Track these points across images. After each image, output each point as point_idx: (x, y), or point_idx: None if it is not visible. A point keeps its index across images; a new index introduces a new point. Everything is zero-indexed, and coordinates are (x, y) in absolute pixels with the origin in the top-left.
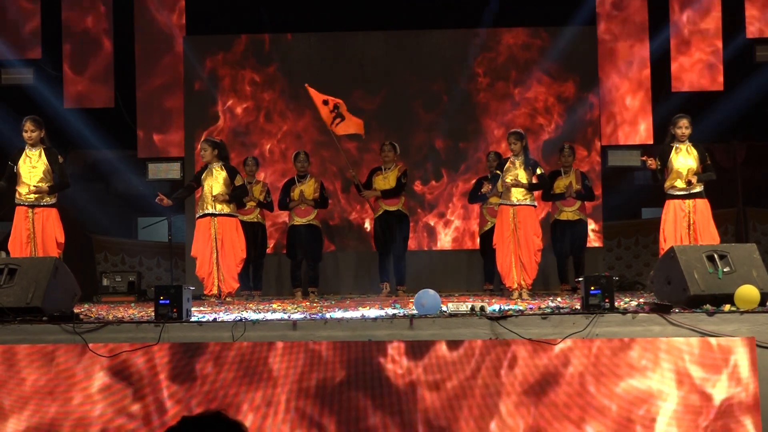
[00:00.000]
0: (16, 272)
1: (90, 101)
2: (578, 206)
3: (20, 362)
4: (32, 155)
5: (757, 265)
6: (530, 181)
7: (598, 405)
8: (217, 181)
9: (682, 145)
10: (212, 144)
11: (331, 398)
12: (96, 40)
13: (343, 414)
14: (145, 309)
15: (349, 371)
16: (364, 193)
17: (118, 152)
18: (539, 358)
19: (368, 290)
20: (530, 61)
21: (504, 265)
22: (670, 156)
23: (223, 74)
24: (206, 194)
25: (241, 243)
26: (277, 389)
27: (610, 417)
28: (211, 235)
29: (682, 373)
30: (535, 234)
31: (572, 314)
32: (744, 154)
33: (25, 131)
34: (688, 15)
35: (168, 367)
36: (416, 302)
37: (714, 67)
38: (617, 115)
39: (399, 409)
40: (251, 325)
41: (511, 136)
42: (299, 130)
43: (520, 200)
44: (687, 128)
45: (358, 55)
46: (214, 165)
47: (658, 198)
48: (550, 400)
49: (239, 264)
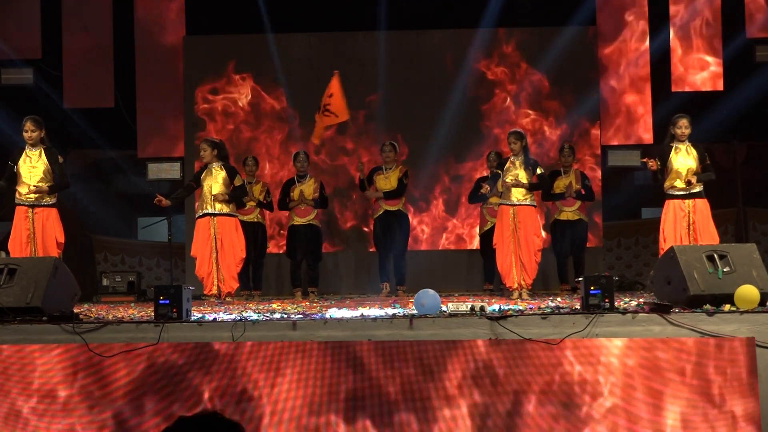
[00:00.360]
0: (15, 272)
1: (90, 101)
2: (578, 206)
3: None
4: (32, 155)
5: (756, 265)
6: (530, 181)
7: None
8: (217, 181)
9: (681, 145)
10: (212, 144)
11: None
12: (96, 39)
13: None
14: (145, 309)
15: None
16: (367, 193)
17: (118, 152)
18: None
19: (368, 290)
20: (530, 60)
21: (504, 265)
22: (670, 156)
23: (223, 74)
24: (206, 194)
25: (240, 243)
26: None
27: (613, 417)
28: (210, 234)
29: (683, 373)
30: (535, 234)
31: (572, 314)
32: (744, 154)
33: (26, 131)
34: (688, 15)
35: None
36: (416, 302)
37: (714, 67)
38: (617, 115)
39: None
40: (251, 325)
41: (511, 135)
42: (299, 129)
43: (520, 200)
44: (687, 128)
45: (358, 55)
46: (213, 165)
47: (658, 198)
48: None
49: (239, 264)
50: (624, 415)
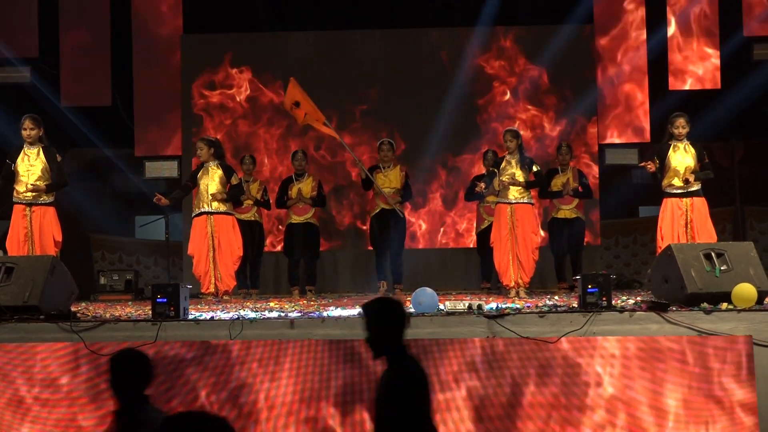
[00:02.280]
0: (13, 271)
1: (87, 99)
2: (575, 204)
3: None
4: (30, 154)
5: (754, 264)
6: (527, 179)
7: (599, 404)
8: (213, 180)
9: (679, 143)
10: (208, 142)
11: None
12: (93, 38)
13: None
14: (143, 307)
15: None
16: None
17: (116, 150)
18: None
19: (365, 289)
20: (528, 59)
21: (501, 263)
22: (668, 154)
23: (221, 73)
24: (202, 193)
25: (237, 241)
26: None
27: (615, 416)
28: (207, 233)
29: (682, 372)
30: (533, 232)
31: (570, 312)
32: (742, 152)
33: (24, 129)
34: (686, 13)
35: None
36: (413, 301)
37: (712, 65)
38: (615, 114)
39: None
40: (248, 324)
41: (507, 133)
42: (299, 128)
43: (517, 198)
44: (684, 127)
45: (357, 54)
46: (210, 163)
47: (656, 196)
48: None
49: (236, 262)
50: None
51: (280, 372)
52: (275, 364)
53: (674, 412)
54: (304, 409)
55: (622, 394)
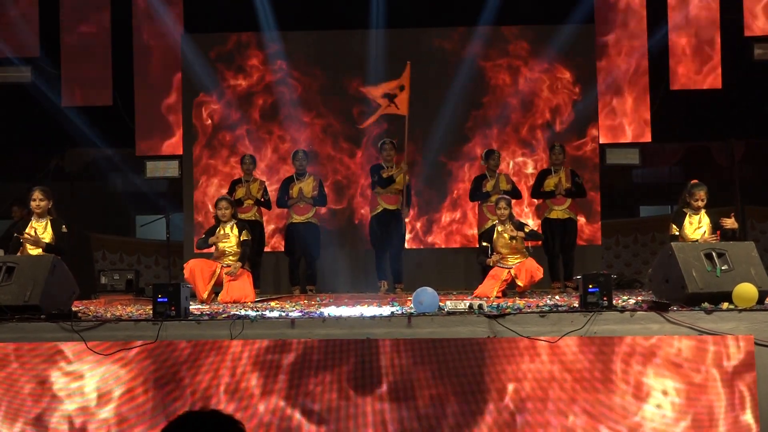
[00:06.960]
0: (14, 270)
1: (88, 99)
2: (568, 204)
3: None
4: (38, 226)
5: (755, 263)
6: (525, 233)
7: (599, 403)
8: (230, 242)
9: (695, 215)
10: (230, 202)
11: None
12: (94, 37)
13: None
14: (143, 307)
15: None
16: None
17: (116, 150)
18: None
19: (366, 288)
20: (529, 59)
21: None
22: (683, 224)
23: (222, 72)
24: (219, 251)
25: (249, 291)
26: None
27: (615, 415)
28: (213, 274)
29: (682, 371)
30: (537, 270)
31: (570, 312)
32: (742, 152)
33: (33, 200)
34: (687, 13)
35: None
36: (414, 300)
37: (712, 65)
38: (615, 114)
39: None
40: (249, 323)
41: (501, 201)
42: (298, 128)
43: (515, 263)
44: (704, 200)
45: (358, 53)
46: (227, 224)
47: (656, 196)
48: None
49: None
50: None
51: (278, 369)
52: (276, 364)
53: (674, 412)
54: (301, 405)
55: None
